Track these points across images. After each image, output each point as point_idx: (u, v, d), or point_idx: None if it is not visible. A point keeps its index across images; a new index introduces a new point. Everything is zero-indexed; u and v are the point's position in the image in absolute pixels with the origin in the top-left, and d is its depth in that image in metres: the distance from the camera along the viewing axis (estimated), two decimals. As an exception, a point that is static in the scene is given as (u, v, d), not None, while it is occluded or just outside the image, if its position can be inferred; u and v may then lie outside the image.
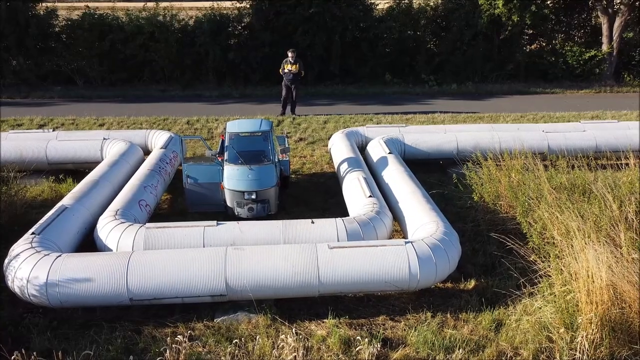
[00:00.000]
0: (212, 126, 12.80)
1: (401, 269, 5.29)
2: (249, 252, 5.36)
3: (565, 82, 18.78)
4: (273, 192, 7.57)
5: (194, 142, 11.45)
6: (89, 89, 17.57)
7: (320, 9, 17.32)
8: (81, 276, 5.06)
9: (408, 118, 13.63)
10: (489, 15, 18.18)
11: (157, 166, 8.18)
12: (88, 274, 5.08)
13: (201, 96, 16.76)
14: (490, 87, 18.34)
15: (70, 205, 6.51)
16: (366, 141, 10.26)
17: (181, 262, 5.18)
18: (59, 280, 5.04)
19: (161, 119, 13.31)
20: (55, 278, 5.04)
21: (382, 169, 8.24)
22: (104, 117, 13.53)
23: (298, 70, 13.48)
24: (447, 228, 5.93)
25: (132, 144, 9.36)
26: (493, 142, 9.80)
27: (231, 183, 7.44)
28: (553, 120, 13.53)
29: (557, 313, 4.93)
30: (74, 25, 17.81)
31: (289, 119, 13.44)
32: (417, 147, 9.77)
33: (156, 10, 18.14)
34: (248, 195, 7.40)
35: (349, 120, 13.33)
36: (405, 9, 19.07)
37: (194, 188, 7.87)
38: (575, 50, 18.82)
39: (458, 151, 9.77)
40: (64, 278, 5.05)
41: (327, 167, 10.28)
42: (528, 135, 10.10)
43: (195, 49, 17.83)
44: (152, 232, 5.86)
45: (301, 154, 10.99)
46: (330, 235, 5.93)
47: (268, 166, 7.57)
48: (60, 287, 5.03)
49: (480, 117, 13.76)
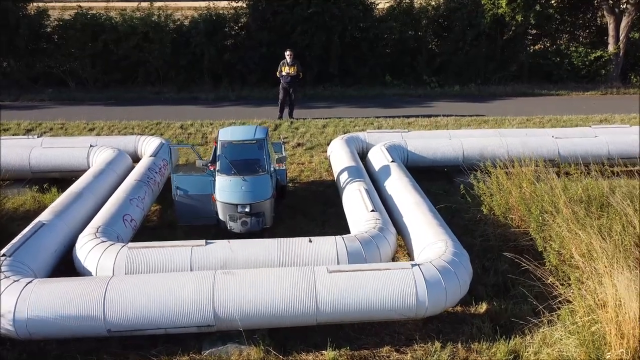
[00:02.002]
0: (207, 131, 12.30)
1: (408, 295, 4.80)
2: (239, 276, 4.87)
3: (570, 84, 18.28)
4: (268, 204, 7.08)
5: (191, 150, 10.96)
6: (81, 91, 17.05)
7: (320, 9, 16.78)
8: (54, 305, 4.57)
9: (410, 122, 13.13)
10: (492, 15, 17.67)
11: (145, 176, 7.69)
12: (61, 302, 4.58)
13: (196, 99, 16.26)
14: (494, 88, 17.83)
15: (49, 221, 6.02)
16: (367, 147, 9.78)
17: (164, 289, 4.69)
18: (28, 309, 4.54)
19: (154, 123, 12.80)
20: (24, 307, 4.55)
21: (385, 179, 7.75)
22: (94, 121, 13.03)
23: (296, 72, 12.97)
24: (456, 248, 5.44)
25: (120, 152, 8.87)
26: (500, 149, 9.36)
27: (223, 195, 6.95)
28: (560, 124, 13.04)
29: (581, 346, 4.45)
30: (65, 25, 17.25)
31: (286, 122, 12.94)
32: (420, 154, 9.28)
33: (150, 10, 17.59)
34: (241, 208, 6.91)
35: (348, 124, 12.84)
36: (406, 8, 18.52)
37: (184, 200, 7.37)
38: (580, 50, 18.31)
39: (464, 158, 9.30)
40: (34, 307, 4.55)
41: (327, 174, 9.79)
42: (537, 141, 9.63)
43: (190, 49, 17.31)
44: (135, 252, 5.36)
45: (299, 161, 10.49)
46: (329, 255, 5.44)
47: (263, 177, 7.08)
48: (30, 317, 4.54)
49: (485, 121, 13.26)
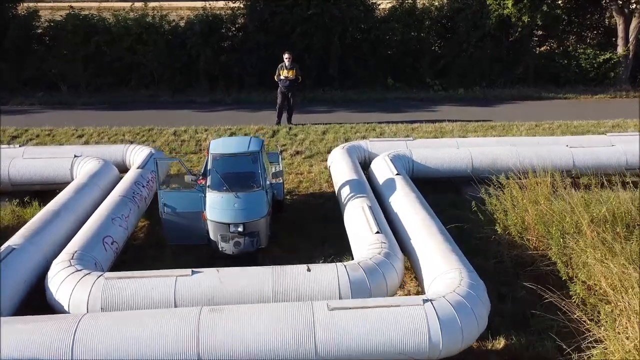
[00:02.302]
0: (201, 137, 11.73)
1: (419, 336, 4.23)
2: (228, 314, 4.31)
3: (578, 87, 17.69)
4: (263, 223, 6.51)
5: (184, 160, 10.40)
6: (73, 94, 16.47)
7: (319, 10, 16.19)
8: (11, 353, 3.99)
9: (414, 128, 12.56)
10: (497, 16, 17.10)
11: (130, 191, 7.12)
12: (21, 349, 4.00)
13: (192, 102, 15.69)
14: (499, 91, 17.24)
15: (19, 246, 5.45)
16: (370, 157, 9.22)
17: (142, 331, 4.12)
18: (-14, 355, 3.98)
19: (146, 130, 12.23)
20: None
21: (390, 194, 7.18)
22: (84, 127, 12.47)
23: (295, 76, 12.40)
24: (472, 278, 4.87)
25: (105, 163, 8.31)
26: (512, 159, 8.78)
27: (214, 214, 6.38)
28: (571, 130, 12.48)
29: (619, 398, 3.89)
30: (57, 26, 16.68)
31: (284, 129, 12.37)
32: (427, 165, 8.71)
33: (145, 11, 17.00)
34: (234, 227, 6.34)
35: (349, 130, 12.27)
36: (409, 9, 17.94)
37: (172, 218, 6.80)
38: (588, 52, 17.72)
39: (473, 169, 8.74)
40: (-7, 352, 3.99)
41: (327, 185, 9.22)
42: (551, 150, 9.06)
43: (185, 51, 16.74)
44: (112, 284, 4.79)
45: (297, 170, 9.92)
46: (330, 286, 4.87)
47: (257, 193, 6.51)
48: (-11, 364, 3.98)
49: (492, 127, 12.69)
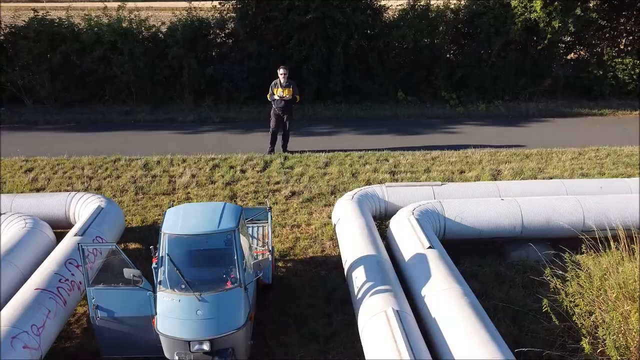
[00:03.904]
0: (176, 172, 9.59)
1: None
2: None
3: (614, 101, 15.58)
4: (241, 335, 4.41)
5: (152, 204, 8.32)
6: (38, 110, 14.35)
7: (320, 14, 14.04)
8: None
9: (434, 157, 10.43)
10: (523, 21, 14.96)
11: (54, 280, 5.00)
12: None
13: (173, 121, 13.54)
14: (524, 106, 15.11)
15: None
16: (387, 208, 7.15)
17: None
18: None
19: (110, 161, 10.06)
20: None
21: (422, 284, 5.04)
22: (37, 156, 10.35)
23: (291, 95, 10.28)
24: None
25: (35, 223, 6.21)
26: (573, 213, 6.71)
27: (167, 325, 4.29)
28: (622, 158, 10.36)
29: None
30: (18, 33, 14.52)
31: (278, 159, 10.22)
32: (464, 224, 6.60)
33: (120, 14, 14.82)
34: (197, 345, 4.26)
35: (357, 161, 10.13)
36: (422, 12, 15.76)
37: (107, 324, 4.68)
38: (627, 62, 15.58)
39: (523, 228, 6.67)
40: None
41: (331, 245, 7.12)
42: (621, 200, 6.97)
43: (167, 62, 14.60)
44: None
45: (293, 222, 7.79)
46: None
47: (232, 292, 4.41)
48: None
49: (527, 155, 10.56)
